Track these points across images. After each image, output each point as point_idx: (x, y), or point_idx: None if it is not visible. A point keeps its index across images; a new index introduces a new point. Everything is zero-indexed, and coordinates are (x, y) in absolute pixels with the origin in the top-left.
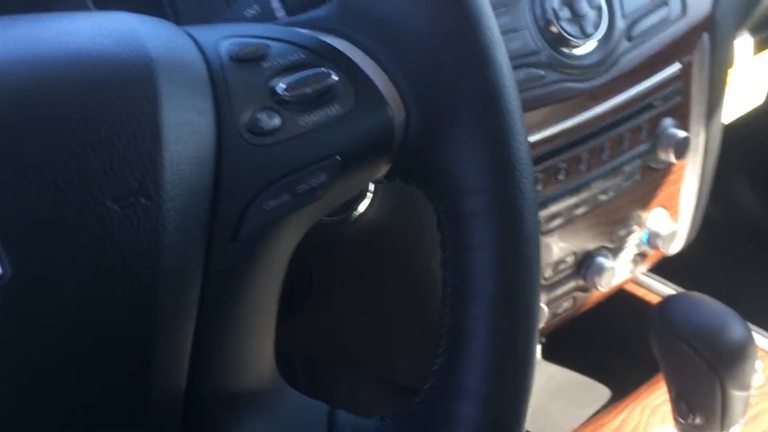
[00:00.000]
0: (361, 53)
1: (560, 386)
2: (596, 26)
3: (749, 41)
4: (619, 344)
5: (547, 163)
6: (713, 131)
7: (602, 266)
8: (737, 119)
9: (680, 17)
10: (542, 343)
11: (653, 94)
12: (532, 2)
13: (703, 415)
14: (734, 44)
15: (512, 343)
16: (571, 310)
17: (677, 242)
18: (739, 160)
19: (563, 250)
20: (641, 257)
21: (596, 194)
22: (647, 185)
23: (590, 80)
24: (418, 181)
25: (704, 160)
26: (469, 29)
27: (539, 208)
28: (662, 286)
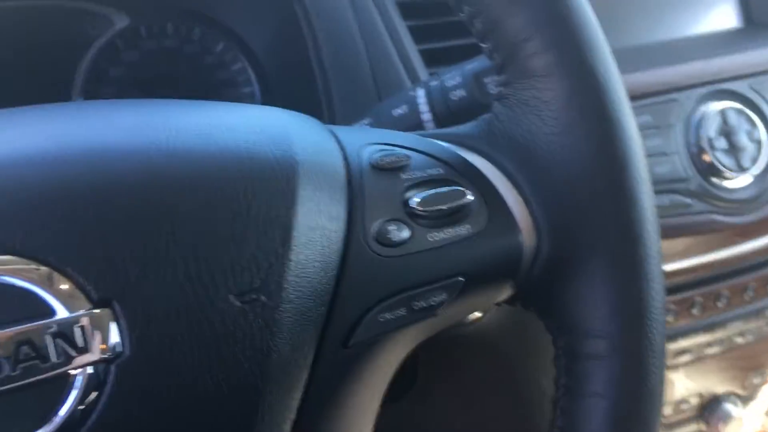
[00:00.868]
0: (500, 175)
1: None
2: (754, 161)
3: None
4: None
5: (682, 294)
6: None
7: (729, 414)
8: None
9: None
10: None
11: None
12: (686, 128)
13: None
14: None
15: None
16: None
17: None
18: None
19: (688, 389)
20: None
21: (732, 335)
22: None
23: (741, 215)
24: (539, 311)
25: None
26: (617, 168)
27: (667, 340)
28: None
